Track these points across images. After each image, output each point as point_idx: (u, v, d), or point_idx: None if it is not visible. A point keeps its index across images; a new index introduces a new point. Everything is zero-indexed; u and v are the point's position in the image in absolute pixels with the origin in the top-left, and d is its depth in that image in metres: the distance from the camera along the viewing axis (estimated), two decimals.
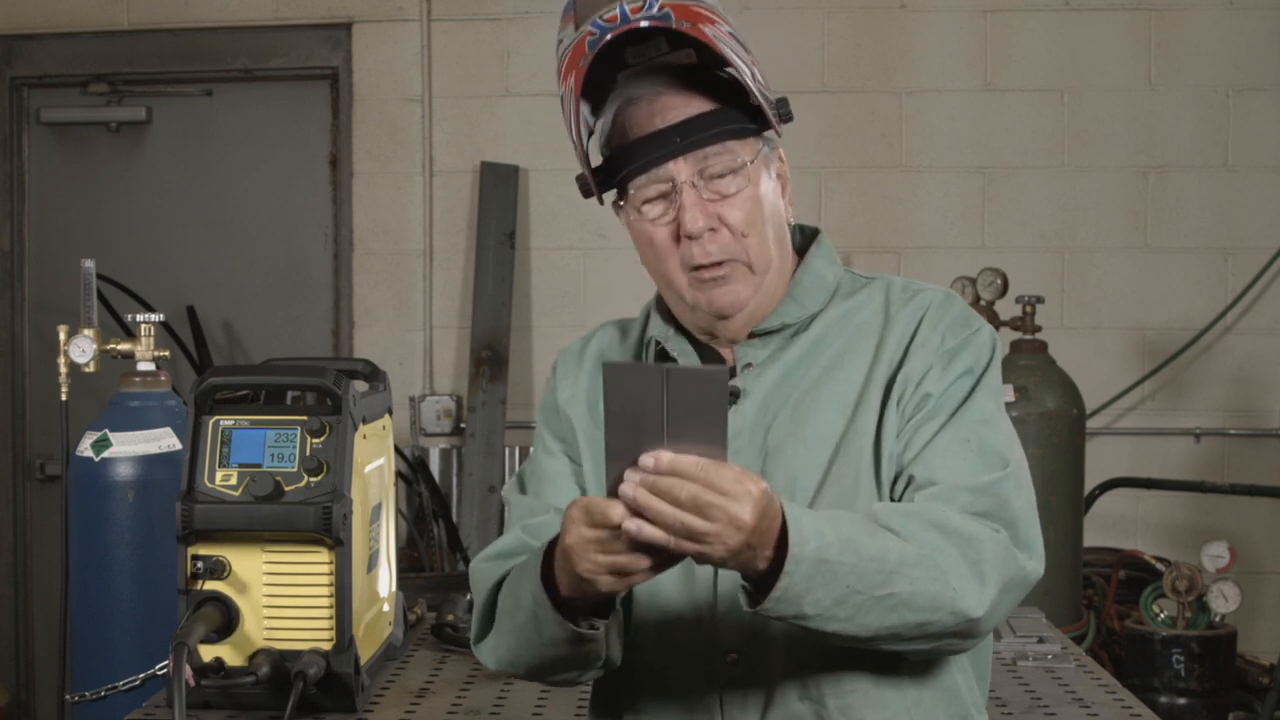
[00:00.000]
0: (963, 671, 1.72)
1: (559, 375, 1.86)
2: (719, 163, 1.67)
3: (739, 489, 1.42)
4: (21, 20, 4.88)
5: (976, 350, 1.69)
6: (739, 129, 1.68)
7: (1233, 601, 3.82)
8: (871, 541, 1.51)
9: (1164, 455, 4.71)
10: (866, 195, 4.71)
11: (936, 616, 1.54)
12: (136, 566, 2.74)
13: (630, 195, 1.71)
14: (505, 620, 1.70)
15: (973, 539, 1.55)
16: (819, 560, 1.47)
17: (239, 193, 4.94)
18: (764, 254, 1.70)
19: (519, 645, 1.68)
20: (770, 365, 1.72)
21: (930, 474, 1.62)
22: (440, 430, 4.78)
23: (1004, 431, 1.67)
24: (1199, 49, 4.69)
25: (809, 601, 1.48)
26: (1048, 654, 2.51)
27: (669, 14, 1.62)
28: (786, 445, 1.68)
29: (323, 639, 2.11)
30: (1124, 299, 4.73)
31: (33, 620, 4.96)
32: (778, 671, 1.65)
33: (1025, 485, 1.65)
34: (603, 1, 1.63)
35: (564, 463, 1.80)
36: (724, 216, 1.67)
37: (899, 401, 1.66)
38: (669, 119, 1.66)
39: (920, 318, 1.70)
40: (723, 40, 1.63)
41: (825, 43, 4.72)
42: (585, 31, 1.63)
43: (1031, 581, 1.62)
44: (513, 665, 1.73)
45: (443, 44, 4.82)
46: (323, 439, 2.12)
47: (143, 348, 2.89)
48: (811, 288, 1.75)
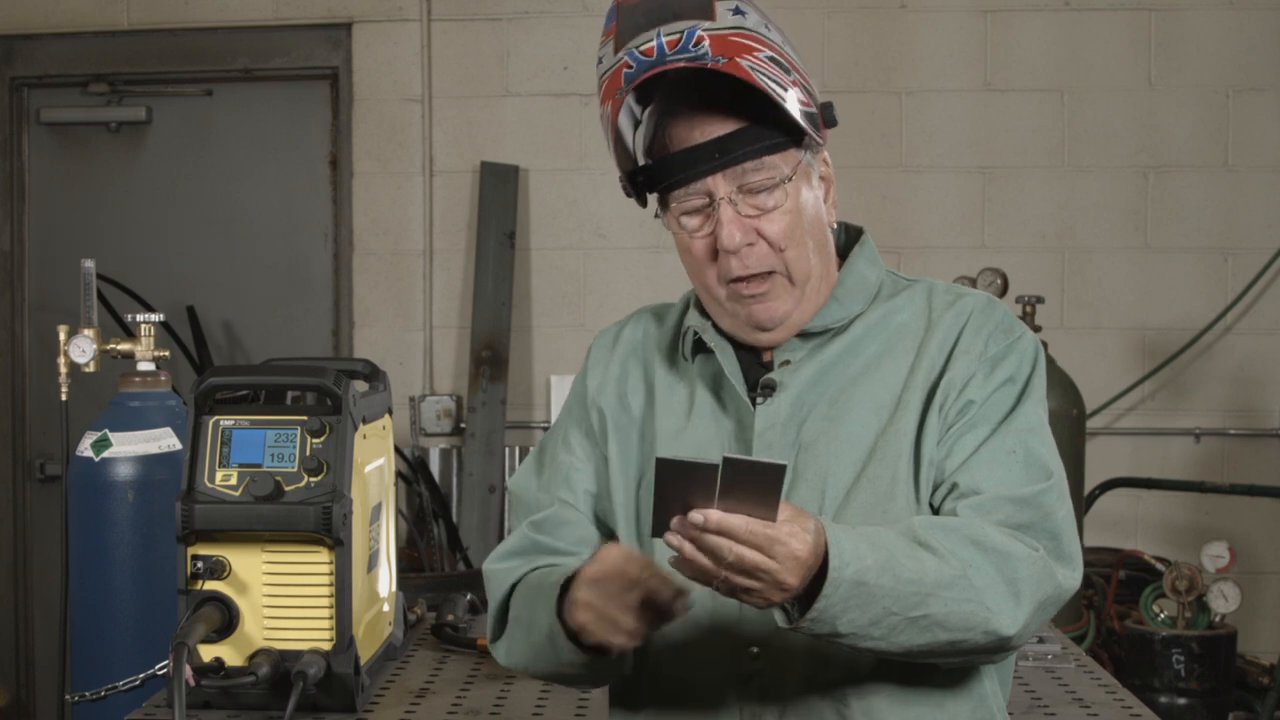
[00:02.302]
0: (989, 677, 1.72)
1: (591, 362, 1.86)
2: (757, 178, 1.66)
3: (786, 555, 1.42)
4: (21, 20, 4.88)
5: (1019, 357, 1.69)
6: (777, 143, 1.67)
7: (1233, 601, 3.82)
8: (909, 562, 1.51)
9: (1164, 455, 4.71)
10: (866, 195, 4.71)
11: (970, 636, 1.54)
12: (136, 566, 2.74)
13: (670, 206, 1.71)
14: (521, 631, 1.72)
15: (1010, 557, 1.55)
16: (857, 583, 1.47)
17: (239, 193, 4.94)
18: (804, 265, 1.69)
19: (535, 658, 1.71)
20: (808, 361, 1.72)
21: (974, 483, 1.62)
22: (440, 430, 4.78)
23: (1049, 442, 1.67)
24: (1199, 49, 4.69)
25: (844, 622, 1.49)
26: (1048, 654, 2.51)
27: (705, 52, 1.61)
28: (820, 442, 1.68)
29: (323, 639, 2.11)
30: (1124, 299, 4.73)
31: (33, 620, 4.96)
32: (800, 668, 1.65)
33: (1066, 496, 1.66)
34: (642, 25, 1.62)
35: (581, 459, 1.81)
36: (762, 230, 1.67)
37: (941, 408, 1.66)
38: (708, 133, 1.66)
39: (963, 323, 1.70)
40: (761, 70, 1.62)
41: (825, 43, 4.72)
42: (623, 62, 1.63)
43: (1069, 594, 1.63)
44: (529, 671, 1.76)
45: (443, 44, 4.82)
46: (323, 439, 2.12)
47: (143, 348, 2.89)
48: (855, 289, 1.74)
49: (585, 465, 1.80)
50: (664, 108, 1.70)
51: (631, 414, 1.79)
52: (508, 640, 1.77)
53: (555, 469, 1.82)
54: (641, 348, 1.84)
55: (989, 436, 1.64)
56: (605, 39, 1.68)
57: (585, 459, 1.81)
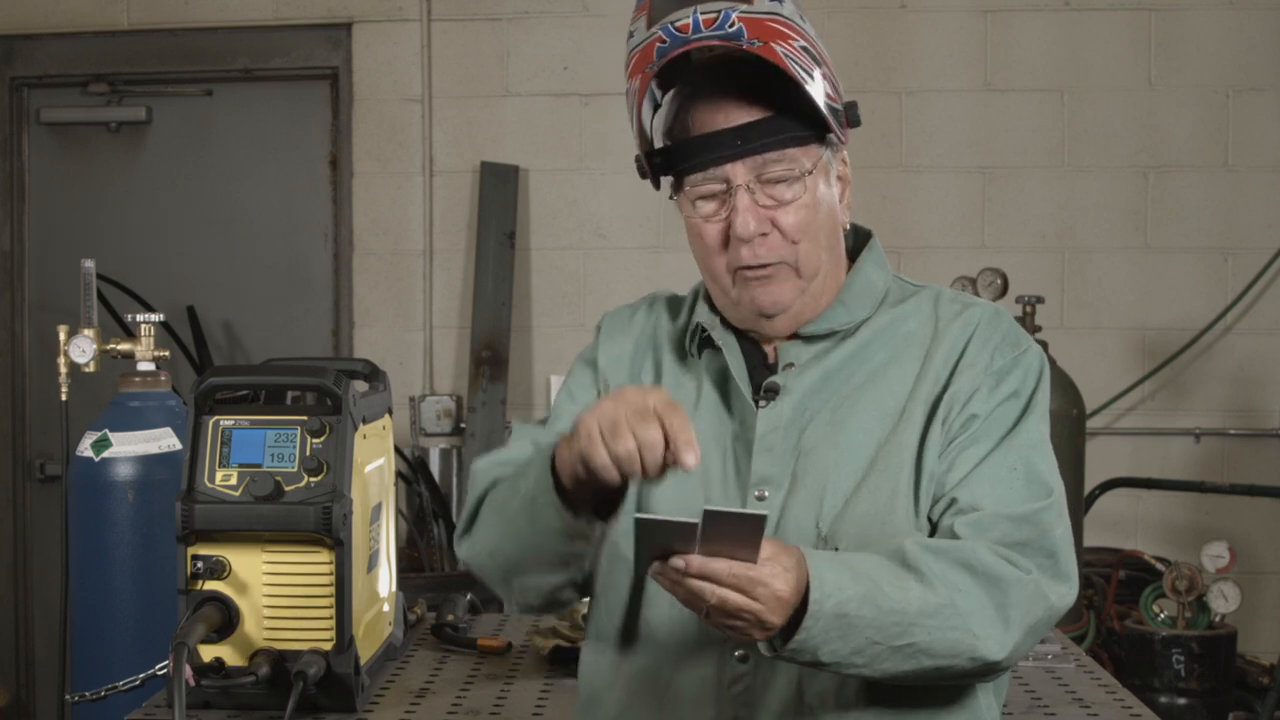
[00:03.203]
0: (984, 691, 1.71)
1: (603, 336, 1.85)
2: (777, 169, 1.66)
3: (768, 595, 1.42)
4: (21, 20, 4.88)
5: (1024, 371, 1.68)
6: (799, 136, 1.66)
7: (1233, 601, 3.82)
8: (893, 591, 1.50)
9: (1164, 455, 4.71)
10: (866, 195, 4.70)
11: (956, 662, 1.54)
12: (136, 566, 2.74)
13: (686, 189, 1.70)
14: (494, 513, 1.69)
15: (1000, 581, 1.54)
16: (838, 615, 1.47)
17: (239, 193, 4.94)
18: (814, 260, 1.69)
19: (504, 536, 1.67)
20: (812, 366, 1.71)
21: (974, 499, 1.61)
22: (440, 430, 4.78)
23: (1049, 458, 1.66)
24: (1199, 49, 4.69)
25: (826, 652, 1.49)
26: (1048, 654, 2.51)
27: (741, 31, 1.61)
28: (821, 448, 1.67)
29: (323, 639, 2.11)
30: (1124, 299, 4.73)
31: (33, 620, 4.96)
32: (787, 675, 1.64)
33: (1065, 513, 1.65)
34: (678, 2, 1.61)
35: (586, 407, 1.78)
36: (777, 221, 1.66)
37: (944, 421, 1.65)
38: (731, 120, 1.65)
39: (970, 335, 1.69)
40: (794, 58, 1.62)
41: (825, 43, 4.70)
42: (656, 36, 1.62)
43: (1062, 612, 1.62)
44: (491, 556, 1.71)
45: (443, 44, 4.82)
46: (323, 439, 2.12)
47: (143, 348, 2.89)
48: (861, 293, 1.74)
49: None
50: (688, 91, 1.69)
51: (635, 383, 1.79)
52: (479, 528, 1.72)
53: (558, 415, 1.80)
54: (653, 336, 1.83)
55: (990, 452, 1.63)
56: (638, 14, 1.66)
57: None
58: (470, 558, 1.74)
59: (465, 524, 1.76)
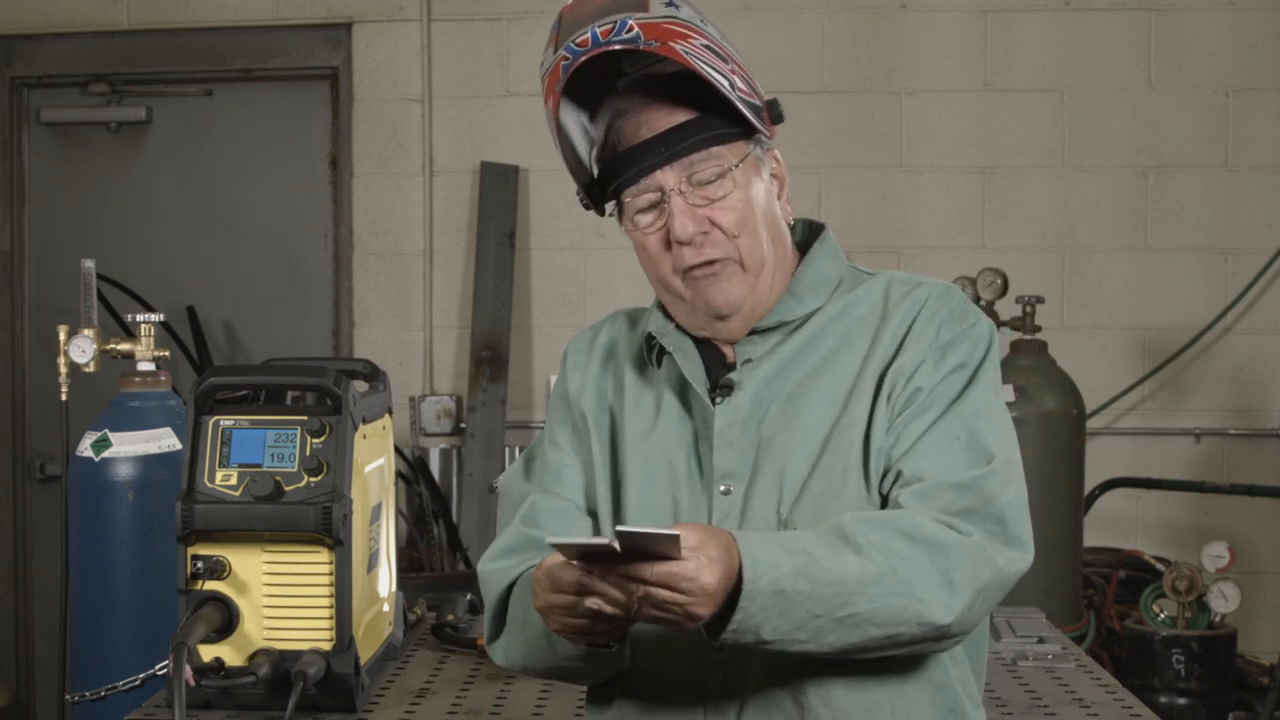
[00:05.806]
0: (956, 663, 1.71)
1: (569, 366, 1.88)
2: (705, 169, 1.68)
3: (695, 588, 1.45)
4: (21, 20, 4.88)
5: (972, 344, 1.68)
6: (724, 134, 1.69)
7: (1233, 601, 3.82)
8: (830, 565, 1.52)
9: (1164, 455, 4.71)
10: (866, 195, 4.71)
11: (903, 629, 1.55)
12: (136, 566, 2.74)
13: (625, 206, 1.73)
14: (518, 630, 1.73)
15: (941, 545, 1.55)
16: (774, 591, 1.49)
17: (239, 193, 4.94)
18: (757, 254, 1.71)
19: (533, 655, 1.72)
20: (767, 359, 1.73)
21: (917, 470, 1.62)
22: (440, 430, 4.78)
23: (997, 425, 1.66)
24: (1199, 49, 4.69)
25: (767, 629, 1.51)
26: (1048, 654, 2.51)
27: (638, 35, 1.63)
28: (778, 437, 1.69)
29: (323, 639, 2.11)
30: (1124, 299, 4.73)
31: (33, 620, 4.96)
32: (759, 660, 1.66)
33: (1014, 479, 1.65)
34: (580, 24, 1.65)
35: (569, 455, 1.82)
36: (715, 219, 1.69)
37: (889, 395, 1.66)
38: (654, 129, 1.68)
39: (917, 311, 1.70)
40: (696, 55, 1.64)
41: (825, 43, 4.71)
42: (560, 56, 1.65)
43: (1014, 577, 1.62)
44: (527, 670, 1.77)
45: (443, 44, 4.82)
46: (323, 439, 2.12)
47: (143, 348, 2.89)
48: (813, 284, 1.75)
49: (574, 460, 1.82)
50: (613, 114, 1.72)
51: (609, 415, 1.82)
52: (505, 640, 1.77)
53: (545, 466, 1.83)
54: (614, 353, 1.86)
55: (934, 423, 1.64)
56: (548, 45, 1.70)
57: (574, 455, 1.82)
58: (507, 665, 1.80)
59: (491, 631, 1.80)
